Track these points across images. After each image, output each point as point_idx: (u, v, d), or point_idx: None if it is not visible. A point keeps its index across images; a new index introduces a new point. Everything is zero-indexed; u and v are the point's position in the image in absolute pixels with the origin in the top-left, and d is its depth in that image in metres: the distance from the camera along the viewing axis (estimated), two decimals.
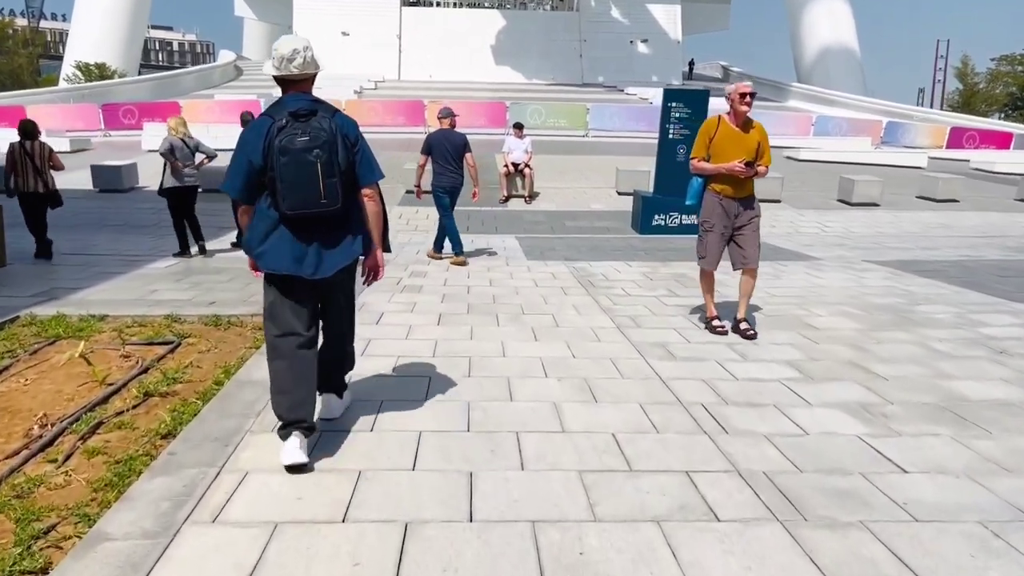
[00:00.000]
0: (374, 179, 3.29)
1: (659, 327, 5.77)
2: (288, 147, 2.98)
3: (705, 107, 11.72)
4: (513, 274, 8.08)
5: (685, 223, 11.83)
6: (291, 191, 2.99)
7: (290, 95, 3.16)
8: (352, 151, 3.19)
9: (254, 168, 3.08)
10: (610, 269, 8.46)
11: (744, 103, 5.23)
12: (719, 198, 5.44)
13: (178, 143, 9.07)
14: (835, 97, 39.14)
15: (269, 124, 3.05)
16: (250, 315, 5.93)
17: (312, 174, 2.99)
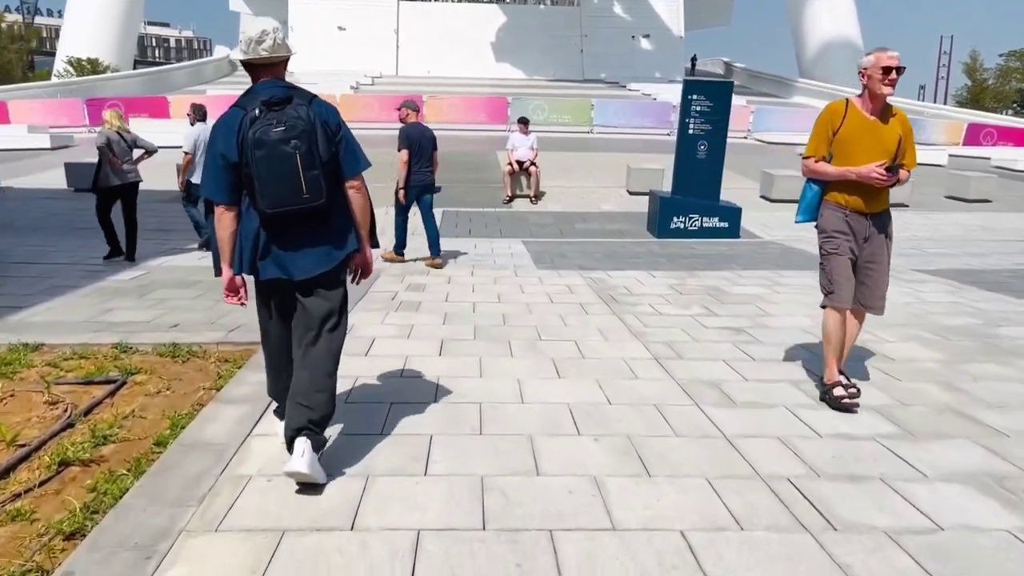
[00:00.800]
0: (360, 169, 3.00)
1: (705, 358, 4.82)
2: (263, 139, 2.73)
3: (729, 100, 10.78)
4: (523, 287, 7.13)
5: (707, 226, 10.90)
6: (269, 187, 2.75)
7: (262, 83, 2.91)
8: (334, 140, 2.92)
9: (229, 165, 2.82)
10: (632, 280, 7.51)
11: (887, 82, 3.79)
12: (844, 212, 3.94)
13: (115, 137, 8.23)
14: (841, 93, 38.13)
15: (241, 116, 2.80)
16: (215, 343, 4.98)
17: (291, 167, 2.75)
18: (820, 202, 4.03)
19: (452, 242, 10.05)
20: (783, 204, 13.60)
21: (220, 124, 2.87)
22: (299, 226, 2.88)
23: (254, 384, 4.06)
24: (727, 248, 9.92)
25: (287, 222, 2.85)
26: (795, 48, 51.25)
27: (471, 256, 8.93)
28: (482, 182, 15.14)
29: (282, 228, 2.88)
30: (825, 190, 3.99)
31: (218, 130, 2.86)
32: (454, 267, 8.16)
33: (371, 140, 20.30)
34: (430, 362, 4.62)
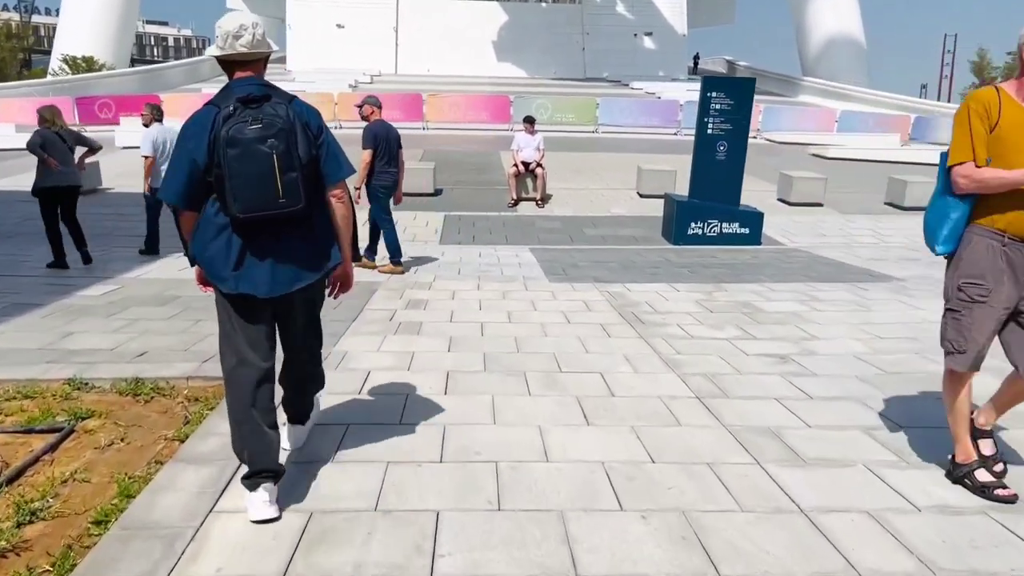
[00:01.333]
0: (343, 176, 2.84)
1: (754, 395, 4.14)
2: (237, 137, 2.52)
3: (751, 98, 10.10)
4: (536, 303, 6.45)
5: (726, 232, 10.23)
6: (243, 189, 2.54)
7: (238, 80, 2.71)
8: (315, 143, 2.73)
9: (198, 167, 2.61)
10: (654, 295, 6.83)
11: None
12: (1002, 240, 2.89)
13: (51, 136, 7.63)
14: (848, 91, 37.46)
15: (214, 114, 2.60)
16: (185, 377, 4.30)
17: (267, 168, 2.54)
18: (967, 225, 2.98)
19: (456, 250, 9.37)
20: (802, 208, 12.92)
21: (191, 122, 2.64)
22: (275, 234, 2.67)
23: (223, 435, 3.38)
24: (750, 256, 9.24)
25: (261, 229, 2.64)
26: (797, 45, 50.59)
27: (477, 266, 8.25)
28: (485, 184, 14.46)
29: (256, 235, 2.66)
30: (972, 210, 2.95)
31: (189, 129, 2.63)
32: (459, 280, 7.48)
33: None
34: (434, 403, 3.93)
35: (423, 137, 21.44)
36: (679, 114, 23.75)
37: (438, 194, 13.31)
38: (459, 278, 7.61)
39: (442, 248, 9.59)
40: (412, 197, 12.83)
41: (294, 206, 2.60)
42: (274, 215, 2.59)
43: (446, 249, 9.47)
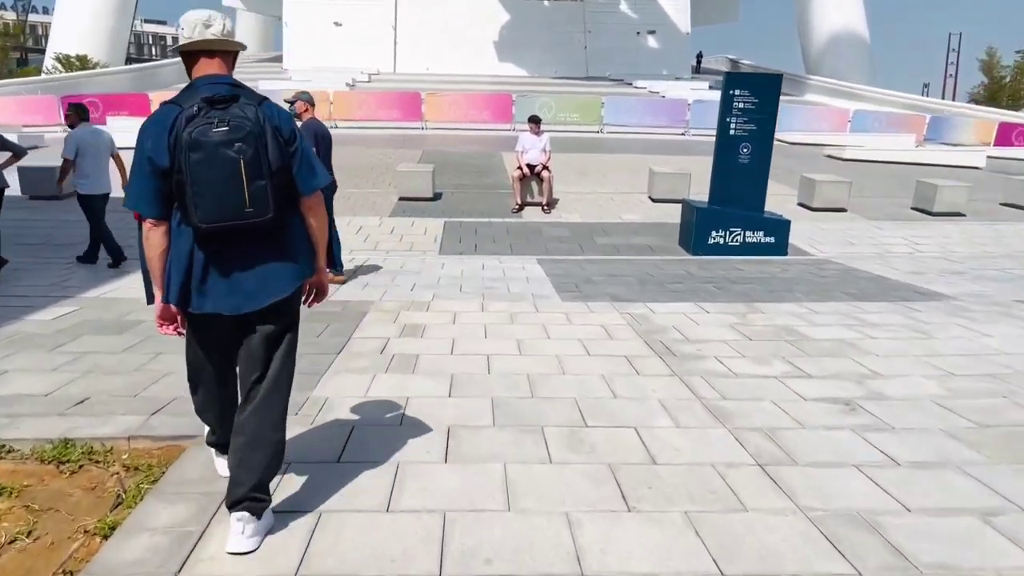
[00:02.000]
0: (318, 185, 2.60)
1: (828, 461, 3.34)
2: (201, 140, 2.31)
3: (777, 95, 9.30)
4: (548, 328, 5.64)
5: (749, 241, 9.43)
6: (206, 197, 2.32)
7: (204, 77, 2.48)
8: (287, 149, 2.49)
9: (158, 171, 2.37)
10: (681, 318, 6.04)
11: None
12: None
13: None
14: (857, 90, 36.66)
15: (175, 113, 2.38)
16: (126, 436, 3.50)
17: (233, 174, 2.33)
18: None
19: (457, 262, 8.57)
20: (826, 214, 12.11)
21: (150, 122, 2.45)
22: (242, 246, 2.48)
23: (158, 531, 2.59)
24: (779, 269, 8.44)
25: (226, 241, 2.45)
26: (801, 43, 49.79)
27: (480, 282, 7.44)
28: (487, 188, 13.66)
29: (221, 248, 2.47)
30: None
31: (147, 129, 2.44)
32: (461, 299, 6.68)
33: (368, 140, 18.56)
34: (431, 477, 3.14)
35: (422, 137, 20.67)
36: (687, 114, 22.96)
37: (437, 198, 12.51)
38: (461, 296, 6.80)
39: (442, 259, 8.79)
40: (410, 202, 12.05)
41: (262, 216, 2.40)
42: (240, 226, 2.39)
43: (446, 261, 8.67)
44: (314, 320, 5.72)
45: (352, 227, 10.48)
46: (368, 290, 6.99)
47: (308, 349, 4.92)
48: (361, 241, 9.82)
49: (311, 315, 5.85)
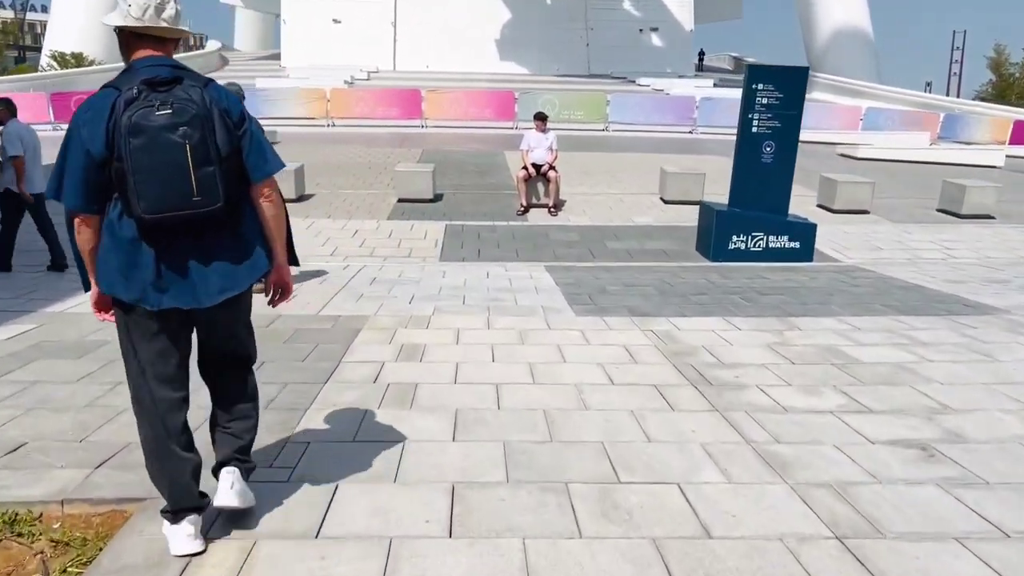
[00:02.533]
0: (271, 171, 2.47)
1: (922, 532, 2.71)
2: (142, 124, 2.16)
3: (803, 90, 8.68)
4: (564, 350, 5.01)
5: (773, 247, 8.80)
6: (149, 185, 2.19)
7: (144, 59, 2.31)
8: (236, 133, 2.36)
9: (94, 160, 2.22)
10: (711, 336, 5.41)
11: None
12: None
13: None
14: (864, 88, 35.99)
15: (113, 97, 2.23)
16: (59, 500, 2.86)
17: (179, 160, 2.19)
18: None
19: (460, 269, 7.93)
20: (848, 216, 11.46)
21: (84, 108, 2.26)
22: (194, 237, 2.32)
23: None
24: (807, 277, 7.80)
25: (176, 232, 2.29)
26: (803, 39, 49.08)
27: (485, 293, 6.81)
28: (490, 189, 13.01)
29: (171, 240, 2.30)
30: None
31: (81, 115, 2.25)
32: (464, 313, 6.04)
33: (366, 138, 17.85)
34: (433, 559, 2.50)
35: (422, 136, 20.04)
36: (694, 111, 22.31)
37: (438, 200, 11.87)
38: (465, 310, 6.17)
39: (443, 267, 8.16)
40: (409, 204, 11.42)
41: (211, 205, 2.27)
42: (188, 216, 2.26)
43: (448, 268, 8.03)
44: (301, 340, 5.09)
45: (348, 231, 9.85)
46: (363, 303, 6.35)
47: (292, 376, 4.30)
48: (357, 246, 9.19)
49: (297, 335, 5.22)
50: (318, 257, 8.58)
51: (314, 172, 13.33)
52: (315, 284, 7.05)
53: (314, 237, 9.52)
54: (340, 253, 8.86)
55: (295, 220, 9.42)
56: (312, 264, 8.08)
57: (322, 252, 8.86)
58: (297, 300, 6.33)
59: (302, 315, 5.85)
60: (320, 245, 9.17)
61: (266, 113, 21.13)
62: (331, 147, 17.19)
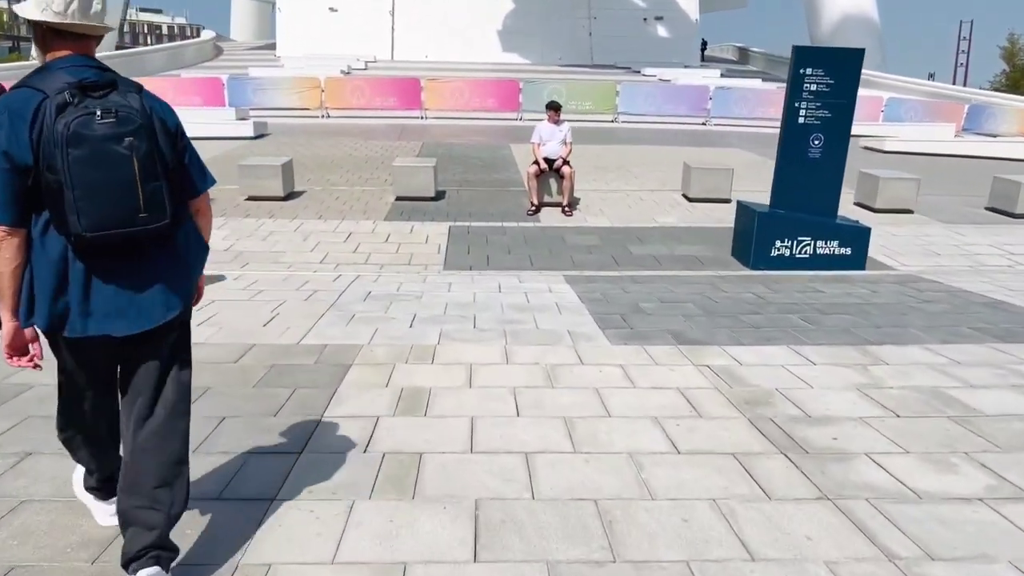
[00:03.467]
0: (208, 185, 2.41)
1: None
2: (84, 134, 2.00)
3: (858, 75, 7.63)
4: (605, 397, 3.98)
5: (821, 253, 7.78)
6: (92, 201, 2.02)
7: (66, 58, 2.13)
8: (176, 145, 2.25)
9: (17, 168, 2.01)
10: (783, 373, 4.39)
11: None
12: None
13: None
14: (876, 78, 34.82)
15: (37, 100, 2.02)
16: None
17: (126, 175, 2.05)
18: None
19: (467, 281, 6.90)
20: (891, 216, 10.40)
21: (1, 111, 2.03)
22: (131, 255, 2.16)
23: None
24: (867, 291, 6.78)
25: (113, 251, 2.12)
26: (807, 26, 47.89)
27: (499, 312, 5.78)
28: (496, 185, 11.96)
29: (106, 259, 2.12)
30: None
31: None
32: (476, 341, 5.01)
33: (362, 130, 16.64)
34: None
35: (422, 128, 18.95)
36: (708, 102, 21.24)
37: (440, 198, 10.81)
38: (476, 336, 5.14)
39: (448, 277, 7.13)
40: (408, 202, 10.36)
41: (159, 222, 2.12)
42: (133, 233, 2.08)
43: (454, 280, 7.00)
44: (275, 382, 4.07)
45: (340, 234, 8.81)
46: (355, 326, 5.32)
47: (259, 440, 3.28)
48: (351, 251, 8.16)
49: (271, 375, 4.19)
50: (306, 265, 7.55)
51: (305, 167, 12.30)
52: (299, 300, 6.02)
53: (303, 241, 8.49)
54: (331, 260, 7.82)
55: (282, 220, 8.32)
56: (301, 273, 7.06)
57: (311, 259, 7.82)
58: (276, 323, 5.31)
59: (280, 345, 4.82)
60: (309, 251, 8.14)
61: (257, 103, 20.07)
62: (325, 139, 16.11)
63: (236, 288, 6.41)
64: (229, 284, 6.58)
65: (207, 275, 2.60)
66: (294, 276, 6.95)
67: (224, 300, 5.96)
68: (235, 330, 5.14)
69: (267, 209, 9.80)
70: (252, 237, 8.55)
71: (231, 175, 11.15)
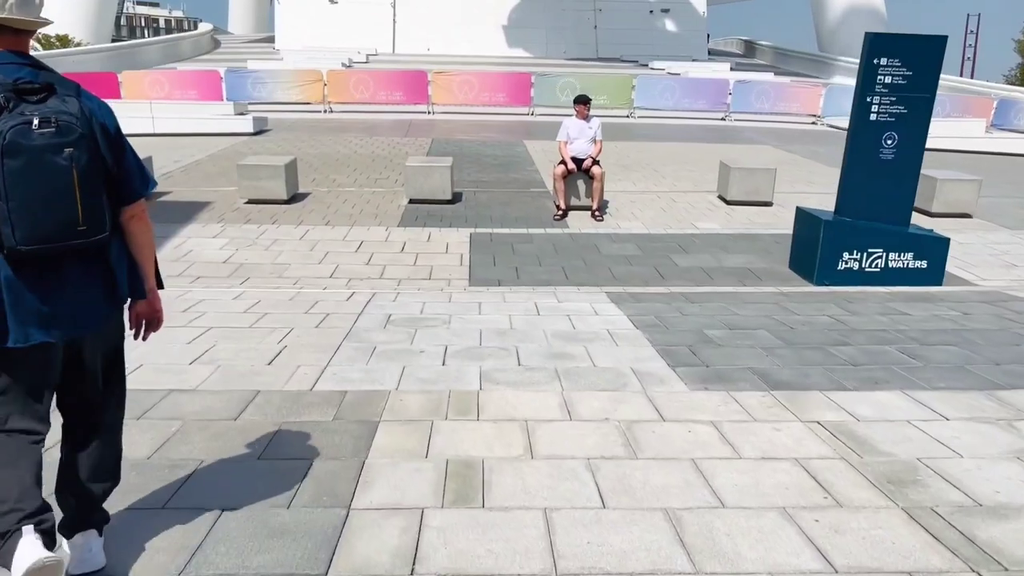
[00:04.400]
0: (150, 190, 2.33)
1: None
2: (20, 143, 1.94)
3: (939, 66, 6.75)
4: (703, 469, 3.14)
5: (893, 266, 6.94)
6: (28, 214, 1.97)
7: None
8: (115, 150, 2.18)
9: None
10: (914, 434, 3.54)
11: None
12: None
13: None
14: None
15: None
16: None
17: (64, 187, 2.00)
18: None
19: (498, 300, 6.03)
20: (951, 221, 9.52)
21: None
22: (62, 266, 2.11)
23: None
24: (959, 312, 5.92)
25: (47, 262, 2.07)
26: (813, 17, 46.96)
27: (544, 342, 4.92)
28: (515, 186, 11.08)
29: (39, 270, 2.07)
30: None
31: None
32: (525, 384, 4.15)
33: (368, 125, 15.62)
34: None
35: (429, 123, 18.05)
36: (727, 96, 20.36)
37: (456, 200, 9.94)
38: (523, 377, 4.28)
39: (477, 296, 6.26)
40: (423, 206, 9.49)
41: (97, 235, 2.09)
42: (71, 246, 2.05)
43: (483, 299, 6.13)
44: (285, 451, 3.21)
45: (351, 243, 7.94)
46: (378, 363, 4.46)
47: (267, 555, 2.41)
48: (363, 263, 7.29)
49: (279, 440, 3.31)
50: (315, 280, 6.69)
51: (309, 166, 11.44)
52: (309, 327, 5.15)
53: (309, 251, 7.61)
54: (342, 274, 6.96)
55: (286, 227, 7.41)
56: (309, 290, 6.20)
57: (320, 273, 6.96)
58: (284, 360, 4.45)
59: (290, 392, 3.96)
60: (317, 263, 7.26)
61: (256, 97, 19.16)
62: (328, 136, 15.22)
63: (236, 311, 5.54)
64: (228, 305, 5.71)
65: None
66: (302, 295, 6.09)
67: (222, 327, 5.09)
68: (234, 370, 4.28)
69: (269, 214, 8.92)
70: (253, 246, 7.67)
71: (229, 175, 10.28)
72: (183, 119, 15.46)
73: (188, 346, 4.69)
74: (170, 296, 6.03)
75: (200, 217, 8.71)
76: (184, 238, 7.87)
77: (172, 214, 8.71)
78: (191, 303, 5.71)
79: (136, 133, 15.04)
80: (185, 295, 5.97)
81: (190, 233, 8.05)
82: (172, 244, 7.64)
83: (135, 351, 4.67)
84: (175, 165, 11.69)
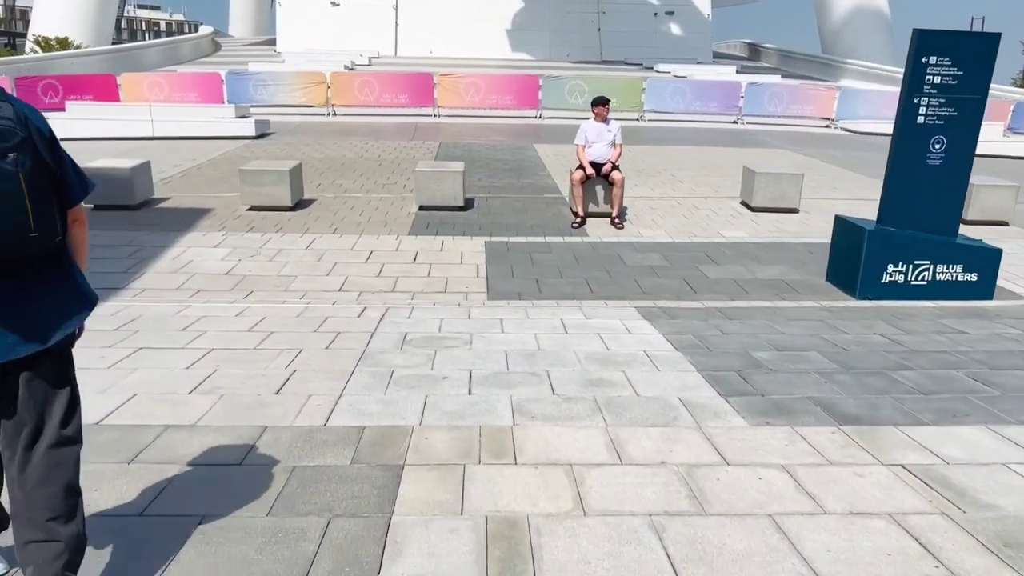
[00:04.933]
0: (88, 192, 2.20)
1: None
2: None
3: (992, 66, 6.29)
4: (786, 528, 2.71)
5: (941, 279, 6.50)
6: None
7: None
8: (54, 152, 2.06)
9: None
10: (1013, 479, 3.11)
11: None
12: None
13: None
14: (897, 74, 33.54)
15: None
16: None
17: (13, 192, 1.89)
18: None
19: (520, 316, 5.59)
20: (987, 229, 9.08)
21: None
22: (17, 274, 1.98)
23: None
24: (1021, 331, 5.47)
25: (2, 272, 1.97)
26: (816, 19, 46.57)
27: (577, 367, 4.47)
28: (528, 191, 10.64)
29: None
30: None
31: None
32: (566, 418, 3.70)
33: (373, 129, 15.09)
34: None
35: (436, 126, 17.61)
36: (739, 99, 19.93)
37: (469, 207, 9.50)
38: (560, 409, 3.83)
39: (497, 311, 5.81)
40: (434, 212, 9.06)
41: (51, 240, 2.01)
42: (23, 254, 1.96)
43: (504, 314, 5.69)
44: (297, 507, 2.76)
45: (360, 252, 7.49)
46: (397, 391, 4.02)
47: None
48: (374, 275, 6.85)
49: (290, 494, 2.84)
50: (323, 294, 6.25)
51: (314, 171, 11.01)
52: (320, 348, 4.71)
53: (316, 262, 7.17)
54: (352, 287, 6.52)
55: (291, 236, 6.89)
56: (318, 305, 5.75)
57: (328, 286, 6.51)
58: (293, 387, 4.01)
59: (302, 428, 3.51)
60: (325, 274, 6.82)
61: (259, 100, 18.75)
62: (333, 140, 14.79)
63: (239, 330, 5.09)
64: (230, 323, 5.27)
65: None
66: (310, 311, 5.64)
67: (224, 349, 4.65)
68: (239, 401, 3.84)
69: (273, 221, 8.48)
70: (257, 257, 7.23)
71: (231, 181, 9.85)
72: (183, 122, 15.01)
73: (187, 371, 4.25)
74: (168, 312, 5.61)
75: (200, 225, 8.27)
76: (183, 248, 7.43)
77: (171, 222, 8.27)
78: (190, 320, 5.26)
79: (135, 137, 14.61)
80: (184, 311, 5.53)
81: (189, 242, 7.61)
82: (171, 255, 7.20)
83: (129, 377, 4.27)
84: (175, 170, 11.25)
